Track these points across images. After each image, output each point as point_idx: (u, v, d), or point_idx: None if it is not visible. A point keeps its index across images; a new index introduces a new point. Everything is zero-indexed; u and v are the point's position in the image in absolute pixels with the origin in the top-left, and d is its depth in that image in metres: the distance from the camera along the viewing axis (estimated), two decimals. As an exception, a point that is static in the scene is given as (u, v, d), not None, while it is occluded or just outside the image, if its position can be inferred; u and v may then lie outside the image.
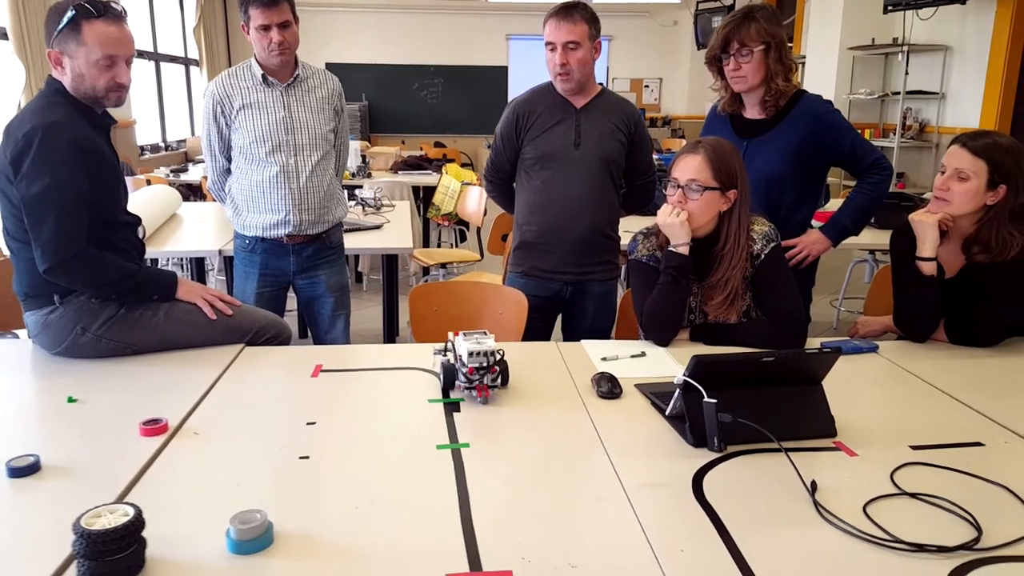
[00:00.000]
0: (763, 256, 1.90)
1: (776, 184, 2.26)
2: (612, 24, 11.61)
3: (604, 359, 1.80)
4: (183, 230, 3.59)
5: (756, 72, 2.21)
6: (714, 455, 1.33)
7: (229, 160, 2.57)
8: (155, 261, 3.53)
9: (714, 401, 1.34)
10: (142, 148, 7.77)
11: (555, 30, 2.28)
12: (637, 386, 1.63)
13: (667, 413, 1.47)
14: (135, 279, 1.83)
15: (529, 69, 11.73)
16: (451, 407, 1.52)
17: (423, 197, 6.03)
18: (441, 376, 1.61)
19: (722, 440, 1.34)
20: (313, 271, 2.65)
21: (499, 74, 12.16)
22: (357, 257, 5.30)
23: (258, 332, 1.96)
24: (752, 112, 2.33)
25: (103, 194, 1.76)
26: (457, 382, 1.58)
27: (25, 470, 1.23)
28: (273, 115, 2.47)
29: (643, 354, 1.84)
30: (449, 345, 1.64)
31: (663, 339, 1.93)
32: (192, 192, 5.90)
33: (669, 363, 1.78)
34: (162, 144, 8.39)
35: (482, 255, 4.79)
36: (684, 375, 1.38)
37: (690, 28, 10.44)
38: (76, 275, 1.73)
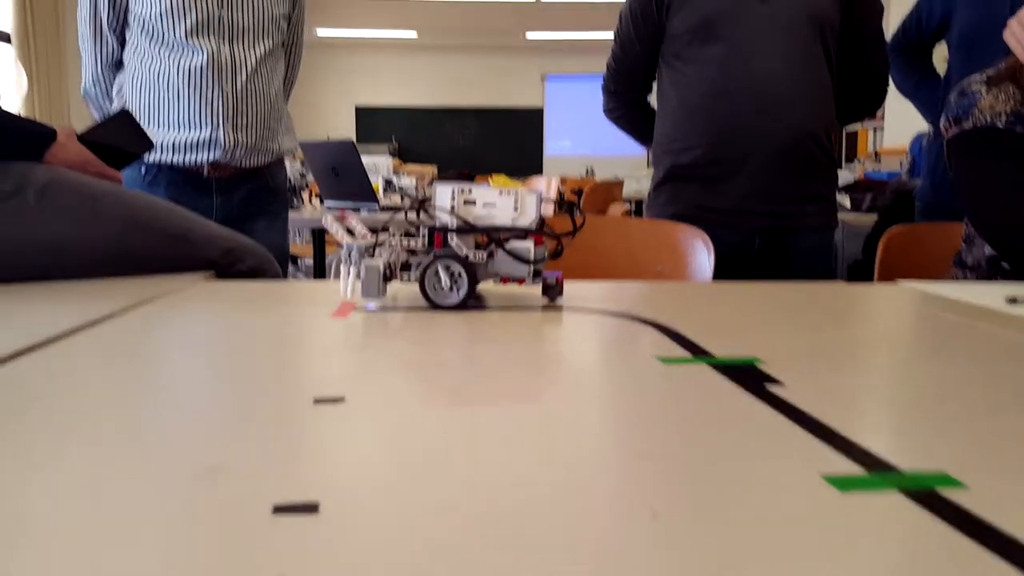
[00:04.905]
0: None
1: None
2: None
3: (1015, 300, 0.78)
4: None
5: None
6: None
7: (123, 44, 1.63)
8: None
9: None
10: None
11: None
12: None
13: None
14: None
15: (566, 110, 11.00)
16: (747, 376, 0.51)
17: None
18: (446, 279, 0.70)
19: None
20: (247, 223, 1.66)
21: (535, 117, 11.40)
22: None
23: (227, 254, 0.97)
24: None
25: None
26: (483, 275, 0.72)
27: None
28: None
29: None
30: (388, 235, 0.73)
31: None
32: None
33: None
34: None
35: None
36: None
37: None
38: None
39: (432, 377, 0.49)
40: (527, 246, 0.71)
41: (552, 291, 0.74)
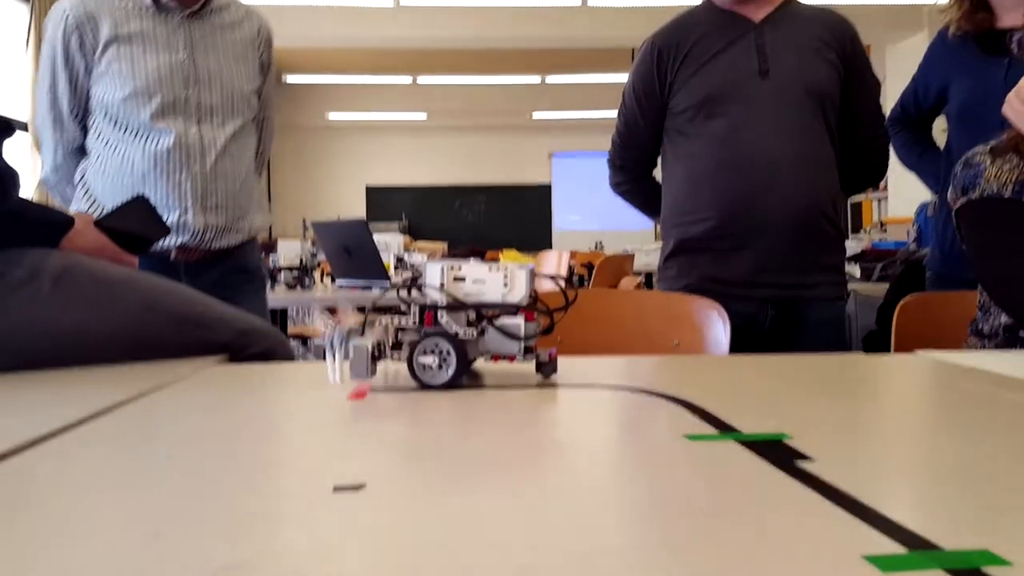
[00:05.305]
0: None
1: None
2: None
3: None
4: None
5: None
6: None
7: (85, 130, 1.57)
8: None
9: None
10: None
11: None
12: None
13: None
14: (6, 206, 0.89)
15: (574, 186, 11.21)
16: (777, 452, 0.50)
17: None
18: (441, 358, 0.68)
19: None
20: None
21: (542, 193, 11.60)
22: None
23: (240, 336, 0.97)
24: (1012, 18, 1.65)
25: None
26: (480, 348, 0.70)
27: None
28: (166, 55, 1.52)
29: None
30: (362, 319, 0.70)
31: None
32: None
33: None
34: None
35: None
36: None
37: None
38: None
39: (455, 461, 0.48)
40: (517, 323, 0.70)
41: (545, 368, 0.73)
